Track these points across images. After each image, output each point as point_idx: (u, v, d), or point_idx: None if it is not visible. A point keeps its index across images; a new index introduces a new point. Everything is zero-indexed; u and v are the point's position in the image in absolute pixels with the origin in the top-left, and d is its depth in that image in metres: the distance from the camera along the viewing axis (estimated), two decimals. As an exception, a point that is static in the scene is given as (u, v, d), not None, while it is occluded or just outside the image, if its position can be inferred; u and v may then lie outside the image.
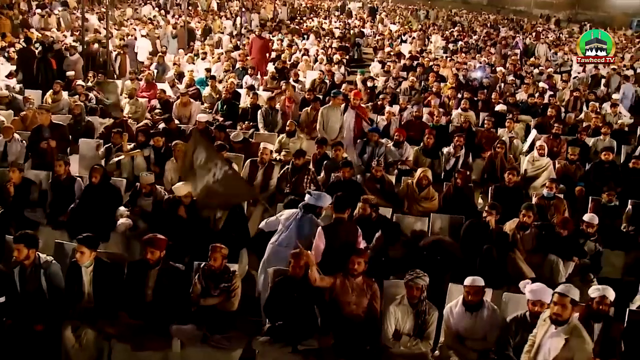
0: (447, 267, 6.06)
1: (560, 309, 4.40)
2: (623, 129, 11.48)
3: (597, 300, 5.04)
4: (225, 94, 11.51)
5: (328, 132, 9.24)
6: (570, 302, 4.42)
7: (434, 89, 12.85)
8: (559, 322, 4.41)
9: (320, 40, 21.08)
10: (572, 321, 4.46)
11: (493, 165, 8.64)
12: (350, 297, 5.12)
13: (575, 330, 4.41)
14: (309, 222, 5.92)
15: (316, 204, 5.98)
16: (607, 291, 5.06)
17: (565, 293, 4.45)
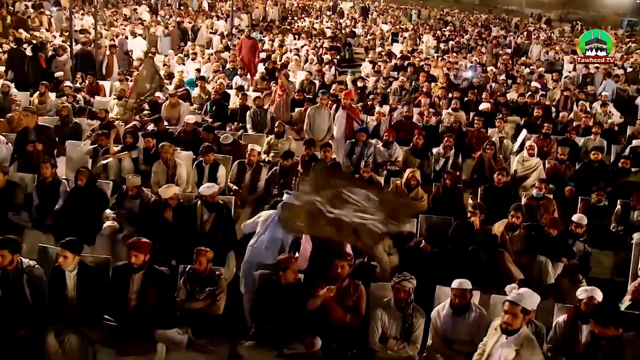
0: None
1: (510, 318, 4.21)
2: (613, 128, 11.48)
3: (584, 302, 5.01)
4: (214, 94, 11.44)
5: (315, 132, 9.20)
6: (521, 311, 4.21)
7: (425, 88, 12.83)
8: (509, 332, 4.23)
9: (311, 40, 21.00)
10: (523, 331, 4.26)
11: (482, 166, 8.60)
12: (336, 300, 5.06)
13: (527, 340, 4.21)
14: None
15: (294, 202, 5.92)
16: (594, 292, 5.04)
17: (517, 301, 4.24)
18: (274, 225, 5.80)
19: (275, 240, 5.75)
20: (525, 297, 4.30)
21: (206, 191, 6.70)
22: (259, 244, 5.84)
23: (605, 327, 4.21)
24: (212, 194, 6.70)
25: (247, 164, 7.90)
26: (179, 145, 9.23)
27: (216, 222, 6.70)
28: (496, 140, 9.92)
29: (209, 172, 8.07)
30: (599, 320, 4.35)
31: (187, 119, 9.72)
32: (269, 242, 5.77)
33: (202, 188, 6.80)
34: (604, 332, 4.26)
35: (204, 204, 6.76)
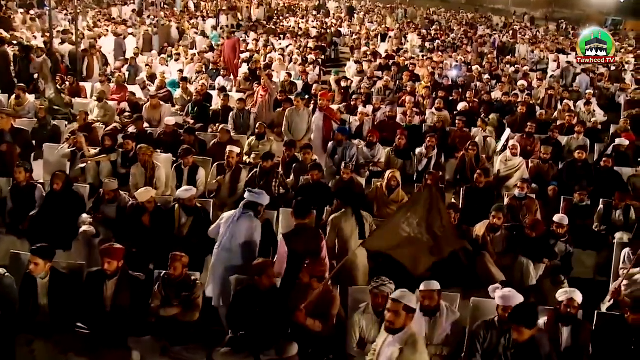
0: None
1: (392, 316, 4.09)
2: (596, 127, 11.46)
3: (565, 303, 4.94)
4: (196, 96, 11.32)
5: (294, 133, 9.13)
6: (403, 309, 4.09)
7: (408, 88, 12.76)
8: (392, 330, 4.13)
9: (296, 40, 20.87)
10: (409, 330, 4.14)
11: (465, 166, 8.53)
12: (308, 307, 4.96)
13: (411, 339, 4.09)
14: (246, 220, 5.80)
15: (256, 200, 5.88)
16: (574, 294, 4.97)
17: (399, 299, 4.13)
18: (235, 227, 5.71)
19: (237, 242, 5.68)
20: (407, 295, 4.19)
21: (184, 194, 6.58)
22: (222, 247, 5.75)
23: (518, 325, 4.13)
24: (189, 198, 6.58)
25: (227, 165, 7.78)
26: (159, 148, 9.15)
27: (194, 225, 6.58)
28: (480, 139, 9.90)
29: (188, 175, 7.95)
30: (512, 319, 4.25)
31: (166, 121, 9.59)
32: (232, 244, 5.69)
33: (180, 191, 6.68)
34: (518, 332, 4.14)
35: (181, 207, 6.62)
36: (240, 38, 20.90)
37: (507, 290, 4.81)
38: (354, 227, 5.82)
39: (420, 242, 4.52)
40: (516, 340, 4.23)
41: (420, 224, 4.52)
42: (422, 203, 4.58)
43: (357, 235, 5.79)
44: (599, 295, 6.69)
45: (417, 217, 4.53)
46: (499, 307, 4.80)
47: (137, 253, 6.29)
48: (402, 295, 4.19)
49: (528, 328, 4.21)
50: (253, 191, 6.04)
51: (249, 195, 5.90)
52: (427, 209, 4.55)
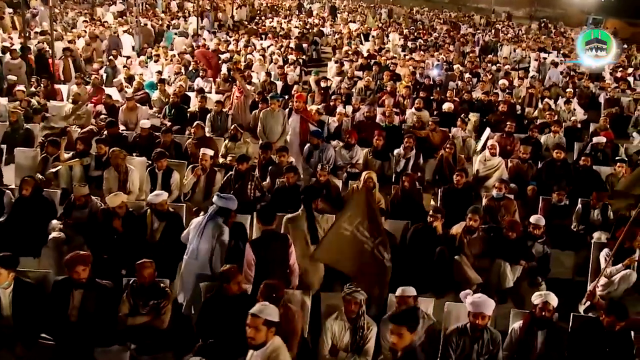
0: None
1: (253, 332, 3.98)
2: (576, 126, 11.46)
3: (539, 307, 4.86)
4: (173, 97, 11.14)
5: (269, 135, 9.01)
6: (263, 324, 3.97)
7: (388, 88, 12.67)
8: (254, 347, 4.02)
9: (277, 41, 20.73)
10: (270, 345, 4.01)
11: (442, 166, 8.46)
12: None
13: (274, 353, 3.98)
14: (214, 226, 5.67)
15: (225, 206, 5.74)
16: (549, 297, 4.88)
17: (258, 313, 4.00)
18: (203, 233, 5.59)
19: (206, 248, 5.55)
20: (266, 309, 4.05)
21: (155, 199, 6.41)
22: (190, 254, 5.63)
23: (399, 325, 3.99)
24: (161, 202, 6.41)
25: (201, 169, 7.63)
26: (135, 151, 9.00)
27: (166, 231, 6.41)
28: (459, 139, 9.85)
29: (162, 179, 7.79)
30: (393, 320, 4.11)
31: (141, 124, 9.42)
32: (200, 250, 5.57)
33: (151, 196, 6.51)
34: (398, 335, 3.99)
35: (153, 212, 6.47)
36: (222, 39, 20.86)
37: (478, 296, 4.72)
38: (305, 232, 5.70)
39: (362, 250, 4.62)
40: (395, 345, 4.02)
41: (362, 222, 4.62)
42: (360, 203, 4.67)
43: (306, 240, 5.68)
44: (578, 296, 6.65)
45: (358, 217, 4.63)
46: (470, 314, 4.71)
47: (108, 259, 6.19)
48: (261, 309, 4.04)
49: (409, 331, 4.02)
50: (222, 196, 5.90)
51: (217, 200, 5.78)
52: (366, 208, 4.66)
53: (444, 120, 10.64)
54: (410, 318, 4.10)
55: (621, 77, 16.92)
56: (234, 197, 5.96)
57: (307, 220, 5.70)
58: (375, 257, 4.72)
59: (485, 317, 4.62)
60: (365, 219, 4.65)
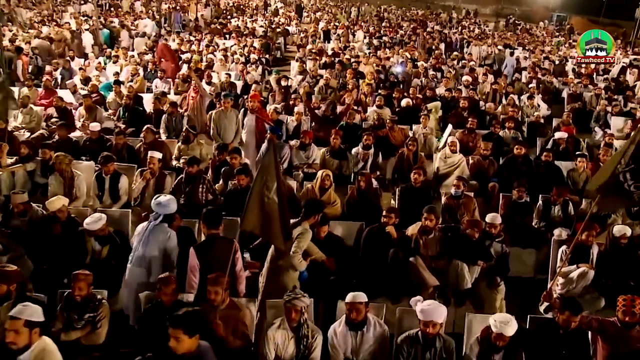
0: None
1: (13, 335, 3.79)
2: (539, 121, 11.37)
3: (494, 336, 4.42)
4: (126, 99, 10.75)
5: (223, 136, 8.72)
6: (25, 325, 3.79)
7: (350, 86, 12.45)
8: (17, 351, 3.81)
9: (240, 40, 20.38)
10: (37, 346, 3.84)
11: (403, 165, 8.24)
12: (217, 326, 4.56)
13: (40, 355, 3.81)
14: (159, 231, 5.41)
15: (163, 211, 5.48)
16: (505, 329, 4.35)
17: (17, 315, 3.82)
18: (146, 239, 5.28)
19: (150, 255, 5.30)
20: (26, 309, 3.89)
21: (93, 226, 5.82)
22: (134, 262, 5.33)
23: (175, 328, 3.86)
24: (101, 228, 5.87)
25: (149, 172, 7.29)
26: (85, 155, 8.62)
27: (111, 253, 5.92)
28: (420, 137, 9.66)
29: (110, 183, 7.47)
30: (171, 322, 3.95)
31: (91, 127, 9.03)
32: (144, 258, 5.30)
33: (88, 222, 5.86)
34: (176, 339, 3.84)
35: (93, 238, 5.95)
36: (185, 39, 20.43)
37: (428, 304, 4.48)
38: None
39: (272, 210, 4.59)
40: (174, 350, 3.86)
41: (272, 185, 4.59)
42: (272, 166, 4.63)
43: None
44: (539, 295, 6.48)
45: (271, 180, 4.60)
46: (420, 322, 4.47)
47: (49, 269, 5.85)
48: (21, 310, 3.85)
49: (188, 334, 3.86)
50: (159, 201, 5.60)
51: (154, 205, 5.47)
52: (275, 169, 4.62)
53: (405, 117, 10.45)
54: (188, 321, 3.89)
55: (587, 73, 16.95)
56: (172, 199, 5.68)
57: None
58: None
59: (436, 325, 4.39)
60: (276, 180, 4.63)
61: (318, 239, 5.80)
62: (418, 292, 5.48)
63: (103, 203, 7.45)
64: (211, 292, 4.62)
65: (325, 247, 5.76)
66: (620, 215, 7.43)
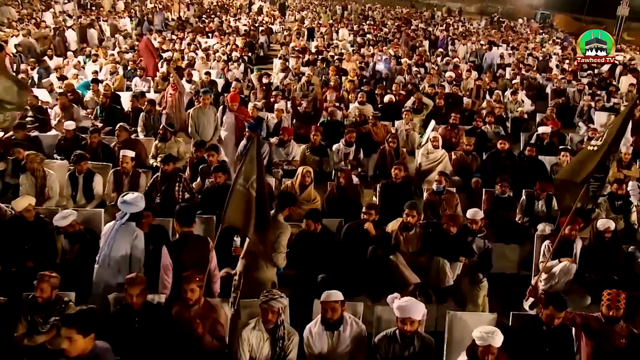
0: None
1: None
2: (522, 116, 11.29)
3: (481, 350, 4.10)
4: (102, 98, 10.52)
5: (202, 134, 8.53)
6: None
7: (332, 83, 12.30)
8: None
9: (223, 39, 20.17)
10: None
11: (385, 161, 8.10)
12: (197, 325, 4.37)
13: None
14: (125, 231, 5.24)
15: (129, 210, 5.31)
16: (492, 339, 4.03)
17: None
18: (113, 240, 5.10)
19: (117, 256, 5.12)
20: None
21: (61, 222, 5.67)
22: (101, 263, 5.13)
23: (68, 327, 3.68)
24: (70, 224, 5.71)
25: (122, 172, 7.09)
26: (60, 154, 8.41)
27: (82, 252, 5.74)
28: (403, 133, 9.54)
29: (84, 183, 7.27)
30: (62, 321, 3.79)
31: (66, 125, 8.81)
32: (111, 259, 5.12)
33: (56, 218, 5.72)
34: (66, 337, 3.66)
35: (63, 235, 5.81)
36: (167, 37, 20.19)
37: (405, 300, 4.33)
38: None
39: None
40: (67, 353, 3.70)
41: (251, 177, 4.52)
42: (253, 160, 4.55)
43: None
44: (524, 291, 6.36)
45: (250, 173, 4.53)
46: (397, 319, 4.32)
47: (17, 271, 5.64)
48: None
49: (82, 334, 3.70)
50: (125, 199, 5.43)
51: (120, 204, 5.30)
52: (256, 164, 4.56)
53: (387, 113, 10.33)
54: (82, 319, 3.73)
55: (571, 69, 16.94)
56: (139, 196, 5.51)
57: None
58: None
59: (414, 322, 4.24)
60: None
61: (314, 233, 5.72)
62: (399, 290, 5.31)
63: (77, 203, 7.25)
64: (186, 290, 4.44)
65: (320, 243, 5.66)
66: (604, 210, 7.34)
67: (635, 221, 7.34)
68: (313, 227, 5.74)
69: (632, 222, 7.31)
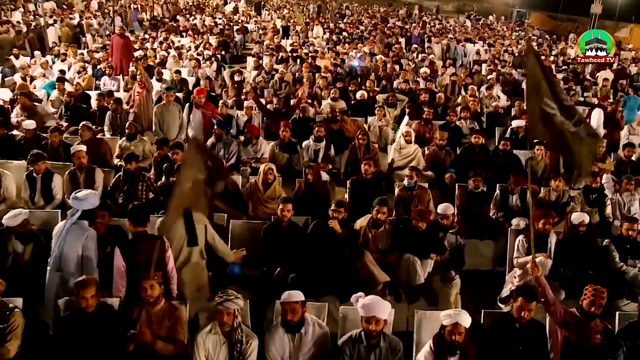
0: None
1: None
2: (497, 111, 11.17)
3: (449, 329, 4.03)
4: (66, 97, 10.19)
5: (166, 131, 8.26)
6: None
7: (305, 79, 12.08)
8: None
9: (196, 37, 19.86)
10: None
11: (356, 157, 7.88)
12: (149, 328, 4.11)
13: None
14: (77, 231, 4.96)
15: (81, 207, 5.01)
16: (459, 317, 4.02)
17: None
18: (64, 240, 4.84)
19: (70, 257, 4.83)
20: None
21: (12, 222, 5.34)
22: (53, 266, 4.87)
23: None
24: (21, 224, 5.38)
25: (77, 169, 6.79)
26: (21, 154, 8.06)
27: (35, 253, 5.42)
28: (376, 129, 9.35)
29: (42, 183, 6.95)
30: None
31: (25, 125, 8.48)
32: (62, 261, 4.85)
33: (6, 218, 5.39)
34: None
35: (14, 236, 5.44)
36: (140, 37, 19.82)
37: (369, 298, 4.11)
38: (182, 233, 4.94)
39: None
40: None
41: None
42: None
43: (185, 242, 4.93)
44: (498, 289, 6.20)
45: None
46: (362, 319, 4.10)
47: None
48: None
49: None
50: (76, 195, 5.15)
51: (72, 201, 5.03)
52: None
53: (360, 109, 10.14)
54: None
55: (546, 65, 16.94)
56: (92, 193, 5.24)
57: (185, 222, 4.94)
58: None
59: (379, 321, 4.03)
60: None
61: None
62: (368, 289, 5.11)
63: (35, 204, 6.93)
64: (145, 288, 4.18)
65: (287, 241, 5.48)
66: (579, 203, 7.21)
67: (609, 214, 7.23)
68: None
69: (606, 215, 7.20)
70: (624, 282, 5.85)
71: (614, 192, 7.53)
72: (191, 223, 4.92)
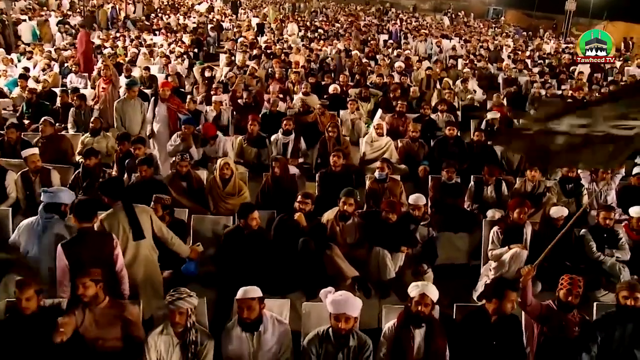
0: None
1: None
2: (472, 104, 11.02)
3: (415, 300, 3.98)
4: (28, 95, 9.81)
5: (128, 127, 7.95)
6: None
7: (277, 75, 11.82)
8: None
9: (169, 36, 19.48)
10: None
11: (325, 150, 7.63)
12: (94, 331, 3.82)
13: None
14: (53, 227, 4.73)
15: (55, 200, 4.82)
16: (427, 288, 4.01)
17: None
18: (40, 238, 4.65)
19: (48, 255, 4.56)
20: None
21: None
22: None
23: None
24: None
25: (31, 171, 6.45)
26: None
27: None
28: (348, 122, 9.13)
29: (-6, 182, 6.57)
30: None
31: (-21, 123, 8.09)
32: (41, 259, 4.62)
33: None
34: None
35: None
36: (111, 35, 19.38)
37: (339, 294, 3.87)
38: (125, 228, 4.64)
39: None
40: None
41: None
42: None
43: (130, 236, 4.63)
44: (473, 282, 6.00)
45: None
46: (331, 316, 3.85)
47: None
48: None
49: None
50: (48, 190, 4.95)
51: (44, 196, 4.82)
52: None
53: (332, 103, 9.92)
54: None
55: (519, 59, 16.91)
56: (66, 189, 5.04)
57: (127, 216, 4.64)
58: None
59: (349, 318, 3.79)
60: None
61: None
62: (335, 284, 4.85)
63: (-13, 202, 6.57)
64: (79, 285, 3.87)
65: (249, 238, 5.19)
66: (555, 194, 7.03)
67: (586, 204, 7.07)
68: (244, 224, 5.22)
69: (582, 204, 7.02)
70: (601, 272, 5.68)
71: (590, 182, 7.37)
72: (133, 215, 4.60)
